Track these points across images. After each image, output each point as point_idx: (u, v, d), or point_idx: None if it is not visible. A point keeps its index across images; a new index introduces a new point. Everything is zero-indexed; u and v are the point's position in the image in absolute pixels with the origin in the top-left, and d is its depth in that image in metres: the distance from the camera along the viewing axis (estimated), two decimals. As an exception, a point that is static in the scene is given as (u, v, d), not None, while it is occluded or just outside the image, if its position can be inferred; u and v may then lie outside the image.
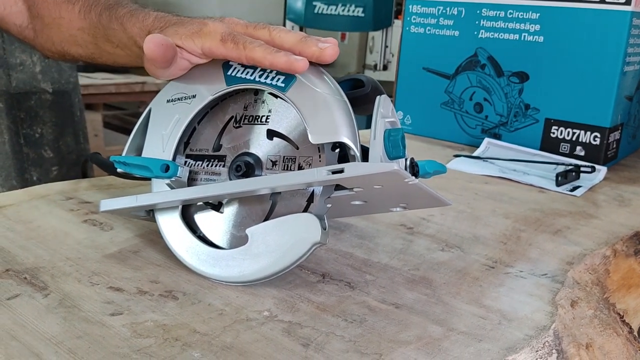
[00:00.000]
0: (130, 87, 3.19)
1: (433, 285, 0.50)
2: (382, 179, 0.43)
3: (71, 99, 1.30)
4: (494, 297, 0.49)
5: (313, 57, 0.46)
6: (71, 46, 0.65)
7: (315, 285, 0.49)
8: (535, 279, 0.53)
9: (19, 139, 1.20)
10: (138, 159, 0.51)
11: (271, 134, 0.49)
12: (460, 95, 1.05)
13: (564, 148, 0.96)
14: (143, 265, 0.51)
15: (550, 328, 0.44)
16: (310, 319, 0.44)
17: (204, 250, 0.49)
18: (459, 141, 1.07)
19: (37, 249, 0.53)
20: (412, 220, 0.66)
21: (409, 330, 0.43)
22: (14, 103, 1.19)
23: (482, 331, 0.43)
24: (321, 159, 0.47)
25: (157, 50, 0.47)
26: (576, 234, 0.65)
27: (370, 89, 0.51)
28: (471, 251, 0.58)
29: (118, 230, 0.58)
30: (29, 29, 0.70)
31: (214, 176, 0.51)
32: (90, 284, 0.47)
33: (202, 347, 0.39)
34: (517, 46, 0.97)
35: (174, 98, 0.52)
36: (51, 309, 0.43)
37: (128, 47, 0.58)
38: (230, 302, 0.46)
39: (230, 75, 0.50)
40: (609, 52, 0.90)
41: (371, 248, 0.57)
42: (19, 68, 1.20)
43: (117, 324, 0.41)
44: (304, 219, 0.45)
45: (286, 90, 0.47)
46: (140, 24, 0.55)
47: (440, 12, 1.05)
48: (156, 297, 0.46)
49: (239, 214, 0.50)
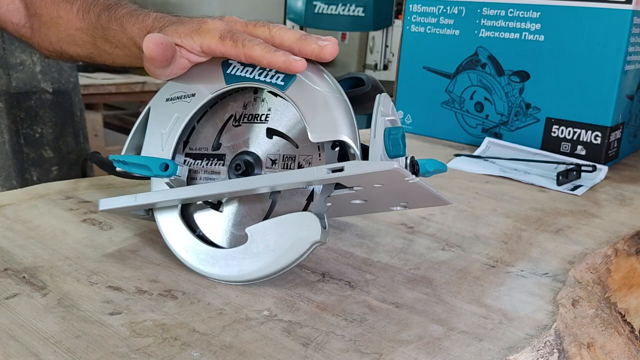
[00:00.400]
0: (130, 87, 3.18)
1: (433, 285, 0.50)
2: (382, 178, 0.43)
3: (71, 98, 1.30)
4: (494, 297, 0.49)
5: (312, 54, 0.46)
6: (69, 46, 0.65)
7: (315, 285, 0.49)
8: (536, 278, 0.53)
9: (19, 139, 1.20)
10: (137, 158, 0.50)
11: (271, 132, 0.49)
12: (460, 95, 1.05)
13: (565, 147, 0.96)
14: (142, 265, 0.51)
15: (551, 327, 0.44)
16: (310, 319, 0.43)
17: (203, 250, 0.49)
18: (460, 140, 1.07)
19: (35, 249, 0.52)
20: (413, 219, 0.65)
21: (410, 330, 0.43)
22: (14, 103, 1.19)
23: (483, 330, 0.43)
24: (321, 157, 0.47)
25: (156, 50, 0.47)
26: (577, 233, 0.65)
27: (370, 88, 0.51)
28: (472, 250, 0.58)
29: (117, 230, 0.58)
30: (26, 28, 0.69)
31: (213, 175, 0.51)
32: (89, 284, 0.47)
33: (201, 347, 0.39)
34: (518, 45, 0.97)
35: (173, 97, 0.52)
36: (50, 308, 0.43)
37: (127, 48, 0.57)
38: (229, 301, 0.45)
39: (229, 74, 0.50)
40: (610, 51, 0.89)
41: (371, 247, 0.57)
42: (19, 68, 1.20)
43: (116, 324, 0.41)
44: (304, 217, 0.45)
45: (286, 89, 0.47)
46: (140, 24, 0.55)
47: (440, 11, 1.05)
48: (155, 296, 0.45)
49: (238, 213, 0.50)
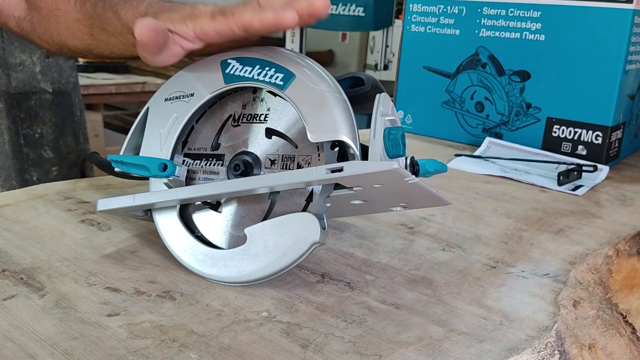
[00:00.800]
0: (130, 87, 3.18)
1: (434, 286, 0.50)
2: (382, 178, 0.43)
3: (71, 99, 1.30)
4: (495, 298, 0.48)
5: (304, 12, 0.45)
6: (68, 38, 0.65)
7: (315, 286, 0.49)
8: (537, 279, 0.53)
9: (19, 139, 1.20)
10: (136, 158, 0.50)
11: (270, 132, 0.49)
12: (461, 95, 1.05)
13: (566, 147, 0.95)
14: (140, 266, 0.50)
15: (552, 329, 0.44)
16: (309, 320, 0.43)
17: (202, 250, 0.48)
18: (460, 140, 1.06)
19: (33, 249, 0.52)
20: (413, 219, 0.65)
21: (410, 331, 0.42)
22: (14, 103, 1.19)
23: (484, 332, 0.43)
24: (320, 157, 0.46)
25: (147, 35, 0.47)
26: (578, 234, 0.65)
27: (370, 87, 0.51)
28: (472, 251, 0.58)
29: (116, 230, 0.57)
30: (26, 21, 0.70)
31: (212, 175, 0.51)
32: (87, 285, 0.47)
33: (199, 349, 0.39)
34: (519, 45, 0.97)
35: (172, 96, 0.51)
36: (47, 309, 0.43)
37: (122, 35, 0.58)
38: (228, 302, 0.45)
39: (228, 74, 0.49)
40: (611, 50, 0.89)
41: (371, 248, 0.57)
42: (18, 68, 1.19)
43: (114, 325, 0.41)
44: (303, 218, 0.45)
45: (285, 88, 0.47)
46: (134, 10, 0.55)
47: (440, 10, 1.04)
48: (153, 297, 0.45)
49: (237, 213, 0.49)
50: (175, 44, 0.49)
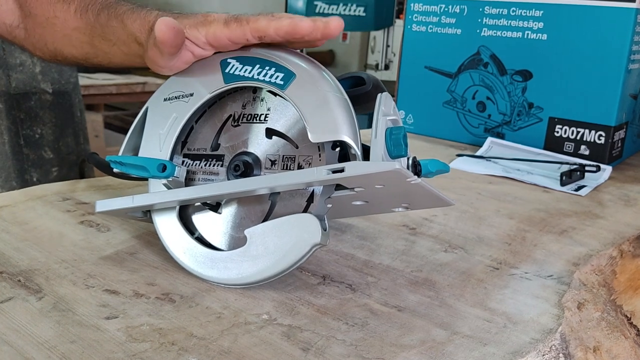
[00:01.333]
0: (131, 88, 3.18)
1: (436, 287, 0.49)
2: (383, 178, 0.42)
3: (71, 99, 1.29)
4: (498, 300, 0.48)
5: (318, 29, 0.46)
6: (64, 46, 0.64)
7: (316, 288, 0.48)
8: (540, 280, 0.52)
9: (19, 140, 1.20)
10: (135, 159, 0.50)
11: (270, 132, 0.48)
12: (462, 94, 1.04)
13: (568, 147, 0.95)
14: (140, 268, 0.50)
15: (557, 331, 0.43)
16: (310, 323, 0.43)
17: (201, 252, 0.48)
18: (462, 140, 1.06)
19: (32, 251, 0.52)
20: (415, 220, 0.65)
21: (412, 334, 0.42)
22: (14, 103, 1.19)
23: (487, 335, 0.42)
24: (321, 158, 0.46)
25: (168, 33, 0.47)
26: (582, 235, 0.64)
27: (371, 87, 0.50)
28: (475, 252, 0.57)
29: (115, 232, 0.57)
30: (19, 29, 0.69)
31: (212, 176, 0.50)
32: (86, 287, 0.46)
33: (199, 352, 0.38)
34: (520, 44, 0.96)
35: (171, 96, 0.51)
36: (45, 312, 0.42)
37: (126, 45, 0.57)
38: (228, 305, 0.45)
39: (228, 73, 0.49)
40: (614, 49, 0.89)
41: (373, 249, 0.56)
42: (18, 68, 1.19)
43: (112, 328, 0.40)
44: (304, 219, 0.44)
45: (285, 88, 0.46)
46: (142, 19, 0.54)
47: (442, 10, 1.04)
48: (152, 300, 0.45)
49: (237, 214, 0.49)
50: (187, 50, 0.49)
